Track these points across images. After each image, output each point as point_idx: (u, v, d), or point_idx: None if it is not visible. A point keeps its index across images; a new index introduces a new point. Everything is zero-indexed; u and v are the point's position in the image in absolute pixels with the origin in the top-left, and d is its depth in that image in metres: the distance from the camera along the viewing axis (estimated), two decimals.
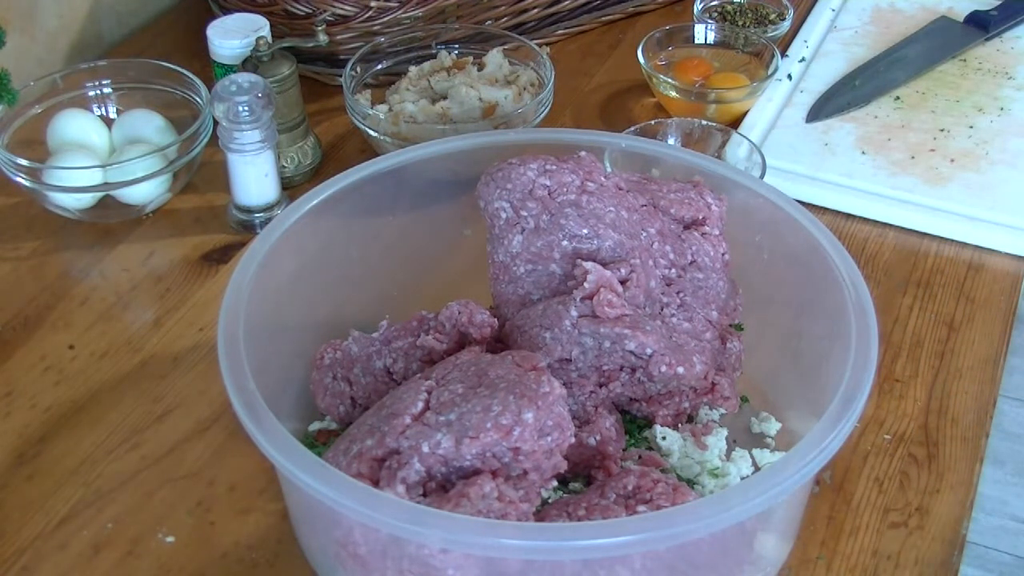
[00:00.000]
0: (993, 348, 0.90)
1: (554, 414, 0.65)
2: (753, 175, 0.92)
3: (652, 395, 0.77)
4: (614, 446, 0.73)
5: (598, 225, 0.76)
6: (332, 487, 0.60)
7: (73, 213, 1.00)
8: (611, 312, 0.73)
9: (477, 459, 0.63)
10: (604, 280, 0.74)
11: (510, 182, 0.77)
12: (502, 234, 0.78)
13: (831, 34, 1.26)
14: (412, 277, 0.87)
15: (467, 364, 0.70)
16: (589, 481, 0.73)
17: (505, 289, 0.78)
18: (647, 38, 1.16)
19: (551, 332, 0.74)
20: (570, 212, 0.76)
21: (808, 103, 1.14)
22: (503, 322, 0.79)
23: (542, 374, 0.67)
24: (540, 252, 0.76)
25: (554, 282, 0.77)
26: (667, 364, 0.73)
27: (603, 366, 0.75)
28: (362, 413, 0.72)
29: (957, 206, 1.01)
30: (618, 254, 0.76)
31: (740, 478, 0.76)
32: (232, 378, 0.66)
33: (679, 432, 0.77)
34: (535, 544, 0.58)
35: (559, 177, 0.77)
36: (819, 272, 0.75)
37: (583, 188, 0.77)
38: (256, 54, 1.02)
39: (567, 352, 0.74)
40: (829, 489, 0.79)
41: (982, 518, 1.77)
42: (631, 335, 0.72)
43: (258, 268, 0.74)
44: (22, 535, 0.76)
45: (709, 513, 0.59)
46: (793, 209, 0.79)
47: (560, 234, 0.76)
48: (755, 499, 0.60)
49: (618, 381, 0.76)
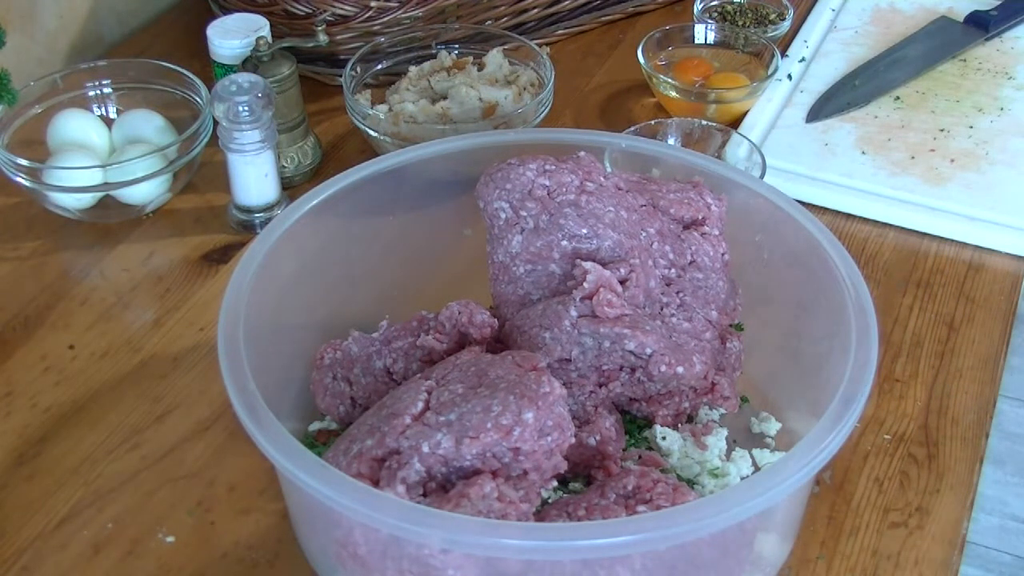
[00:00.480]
0: (993, 348, 0.90)
1: (554, 414, 0.65)
2: (753, 175, 0.92)
3: (652, 395, 0.77)
4: (614, 446, 0.73)
5: (597, 225, 0.76)
6: (332, 487, 0.60)
7: (73, 213, 1.00)
8: (611, 312, 0.73)
9: (477, 459, 0.63)
10: (603, 280, 0.74)
11: (509, 182, 0.77)
12: (501, 234, 0.78)
13: (831, 34, 1.26)
14: (412, 277, 0.87)
15: (467, 364, 0.70)
16: (589, 481, 0.73)
17: (505, 289, 0.78)
18: (647, 38, 1.16)
19: (551, 332, 0.74)
20: (569, 212, 0.76)
21: (808, 103, 1.14)
22: (503, 322, 0.79)
23: (542, 374, 0.67)
24: (539, 252, 0.76)
25: (554, 282, 0.77)
26: (667, 364, 0.73)
27: (603, 366, 0.75)
28: (362, 413, 0.72)
29: (957, 206, 1.01)
30: (617, 254, 0.76)
31: (740, 478, 0.76)
32: (232, 378, 0.66)
33: (679, 432, 0.77)
34: (535, 544, 0.58)
35: (558, 177, 0.77)
36: (819, 272, 0.75)
37: (582, 188, 0.77)
38: (256, 54, 1.02)
39: (567, 352, 0.74)
40: (829, 489, 0.79)
41: (982, 518, 1.77)
42: (631, 335, 0.72)
43: (258, 268, 0.74)
44: (22, 535, 0.76)
45: (709, 513, 0.59)
46: (793, 209, 0.79)
47: (559, 234, 0.76)
48: (755, 499, 0.60)
49: (618, 381, 0.76)
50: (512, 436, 0.63)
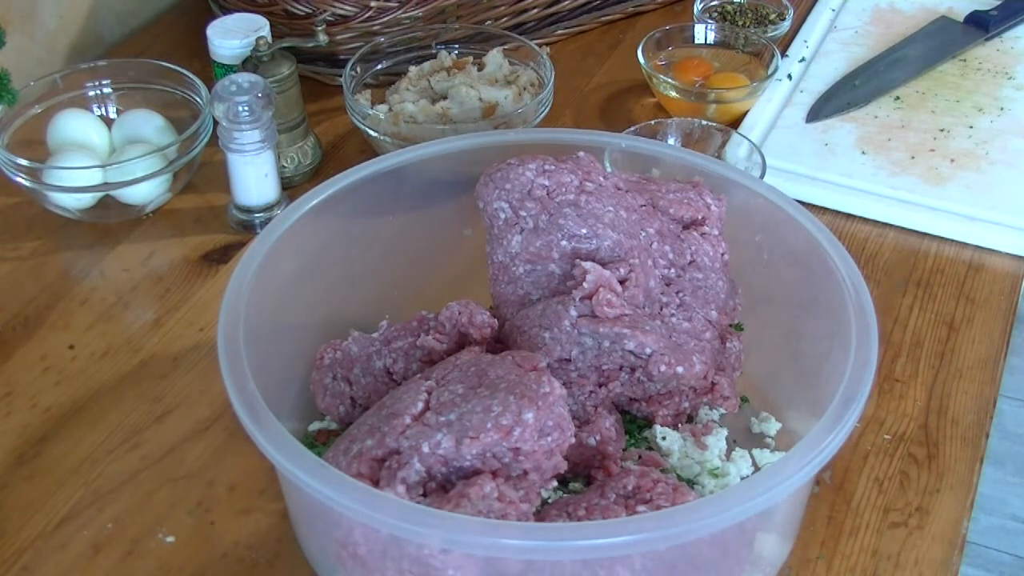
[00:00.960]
0: (993, 348, 0.90)
1: (554, 414, 0.65)
2: (753, 175, 0.92)
3: (652, 395, 0.77)
4: (614, 446, 0.73)
5: (597, 225, 0.76)
6: (332, 487, 0.60)
7: (73, 213, 1.00)
8: (610, 312, 0.73)
9: (477, 459, 0.63)
10: (603, 280, 0.74)
11: (508, 182, 0.77)
12: (501, 234, 0.78)
13: (831, 34, 1.26)
14: (412, 277, 0.87)
15: (467, 364, 0.70)
16: (589, 481, 0.73)
17: (504, 289, 0.78)
18: (647, 38, 1.16)
19: (550, 332, 0.74)
20: (569, 212, 0.76)
21: (808, 103, 1.14)
22: (503, 322, 0.79)
23: (542, 375, 0.67)
24: (539, 252, 0.76)
25: (553, 282, 0.77)
26: (666, 363, 0.73)
27: (603, 366, 0.75)
28: (362, 413, 0.72)
29: (957, 206, 1.01)
30: (617, 254, 0.76)
31: (740, 478, 0.76)
32: (232, 378, 0.66)
33: (679, 432, 0.77)
34: (535, 544, 0.58)
35: (557, 177, 0.77)
36: (819, 272, 0.75)
37: (582, 188, 0.77)
38: (256, 54, 1.02)
39: (567, 352, 0.74)
40: (829, 489, 0.79)
41: (982, 518, 1.77)
42: (630, 335, 0.72)
43: (258, 268, 0.74)
44: (22, 535, 0.76)
45: (709, 513, 0.59)
46: (793, 209, 0.79)
47: (559, 234, 0.76)
48: (755, 499, 0.60)
49: (618, 381, 0.76)
50: (512, 436, 0.63)
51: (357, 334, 0.79)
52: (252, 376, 0.66)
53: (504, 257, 0.78)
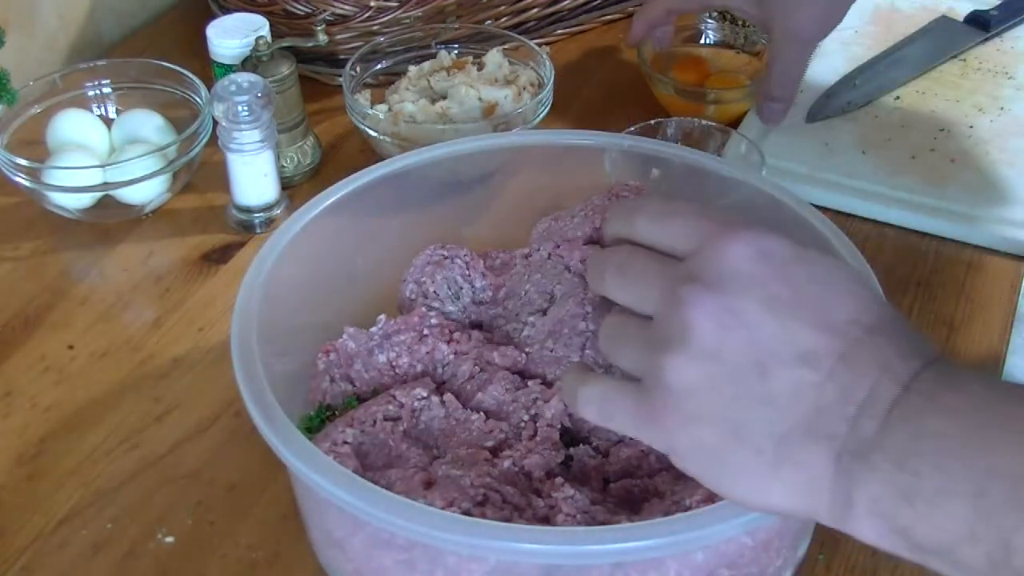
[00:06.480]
0: (993, 348, 0.89)
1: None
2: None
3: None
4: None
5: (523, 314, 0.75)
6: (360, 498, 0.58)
7: (73, 213, 1.00)
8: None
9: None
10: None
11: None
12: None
13: (831, 34, 1.25)
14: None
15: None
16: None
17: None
18: (647, 38, 1.16)
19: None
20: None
21: (808, 103, 1.14)
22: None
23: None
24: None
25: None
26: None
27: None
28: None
29: (957, 206, 1.01)
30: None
31: None
32: (248, 388, 0.65)
33: None
34: (558, 549, 0.56)
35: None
36: None
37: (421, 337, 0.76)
38: (256, 54, 1.01)
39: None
40: None
41: None
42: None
43: (267, 275, 0.73)
44: (22, 535, 0.76)
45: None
46: (798, 206, 0.79)
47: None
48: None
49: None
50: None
51: (353, 330, 0.78)
52: (268, 383, 0.65)
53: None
